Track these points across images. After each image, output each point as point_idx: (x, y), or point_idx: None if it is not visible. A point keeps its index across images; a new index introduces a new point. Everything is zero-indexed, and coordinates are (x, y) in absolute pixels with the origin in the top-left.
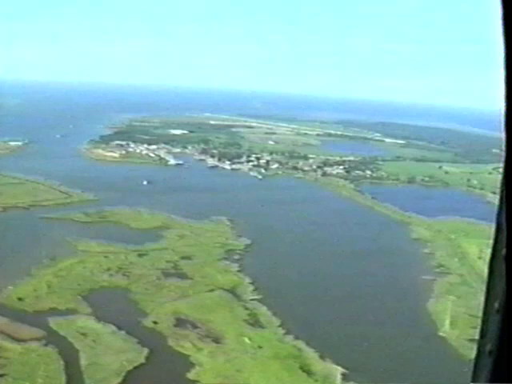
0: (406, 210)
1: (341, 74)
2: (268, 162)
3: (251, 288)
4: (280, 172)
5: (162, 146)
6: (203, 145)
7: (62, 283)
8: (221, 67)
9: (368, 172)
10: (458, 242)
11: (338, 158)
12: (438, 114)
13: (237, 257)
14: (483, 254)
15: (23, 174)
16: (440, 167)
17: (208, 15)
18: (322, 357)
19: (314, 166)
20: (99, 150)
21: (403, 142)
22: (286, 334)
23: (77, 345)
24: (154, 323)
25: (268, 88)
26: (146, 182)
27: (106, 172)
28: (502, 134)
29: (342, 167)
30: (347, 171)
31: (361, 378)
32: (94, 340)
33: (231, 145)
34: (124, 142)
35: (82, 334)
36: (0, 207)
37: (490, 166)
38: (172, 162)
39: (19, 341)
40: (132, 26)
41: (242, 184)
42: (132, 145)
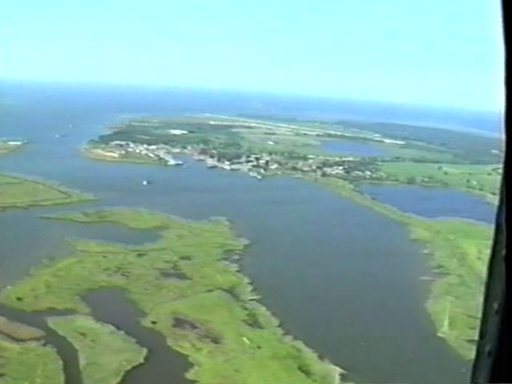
0: (406, 211)
1: (341, 73)
2: (267, 162)
3: (250, 288)
4: (279, 172)
5: (162, 146)
6: (203, 145)
7: (61, 283)
8: (221, 67)
9: (367, 172)
10: (457, 242)
11: (337, 159)
12: (437, 115)
13: (236, 257)
14: (482, 255)
15: (22, 173)
16: (439, 168)
17: (208, 15)
18: (320, 357)
19: (314, 167)
20: (99, 150)
21: (403, 142)
22: (284, 334)
23: (76, 345)
24: (153, 323)
25: (268, 88)
26: (145, 182)
27: (106, 172)
28: (501, 135)
29: (341, 168)
30: (347, 172)
31: (359, 379)
32: (93, 340)
33: (231, 145)
34: (123, 142)
35: (81, 333)
36: None
37: (490, 167)
38: (171, 162)
39: (18, 340)
40: (132, 26)
41: (242, 184)
42: (131, 145)
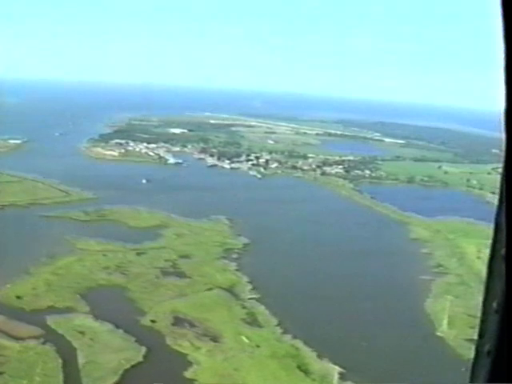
0: (405, 210)
1: (341, 73)
2: (267, 161)
3: (249, 287)
4: (279, 171)
5: (162, 144)
6: (203, 144)
7: (61, 281)
8: (221, 67)
9: (367, 172)
10: (456, 242)
11: (337, 158)
12: (437, 114)
13: (235, 256)
14: (482, 254)
15: (22, 172)
16: (439, 167)
17: (208, 15)
18: (319, 356)
19: (314, 166)
20: (98, 149)
21: (403, 141)
22: (283, 333)
23: (75, 343)
24: (152, 322)
25: (268, 87)
26: (145, 181)
27: (106, 170)
28: (501, 135)
29: (341, 167)
30: (346, 171)
31: (358, 378)
32: (92, 338)
33: (231, 144)
34: (123, 141)
35: (80, 332)
36: None
37: (490, 166)
38: (171, 160)
39: (17, 339)
40: (132, 25)
41: (241, 183)
42: (131, 143)
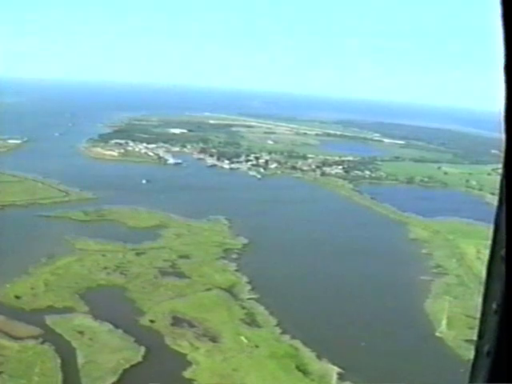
0: (405, 211)
1: (340, 73)
2: (267, 161)
3: (248, 287)
4: (279, 171)
5: (161, 144)
6: (202, 144)
7: (60, 281)
8: (221, 66)
9: (367, 172)
10: (456, 242)
11: (336, 158)
12: (437, 115)
13: (234, 256)
14: (481, 255)
15: (22, 172)
16: (439, 168)
17: (208, 14)
18: (318, 356)
19: (313, 166)
20: (98, 149)
21: (402, 142)
22: (282, 333)
23: (74, 343)
24: (151, 322)
25: (268, 88)
26: (144, 181)
27: (105, 171)
28: (501, 135)
29: (340, 167)
30: (346, 171)
31: (357, 378)
32: (91, 338)
33: (230, 144)
34: (123, 141)
35: (79, 332)
36: None
37: (489, 167)
38: (171, 160)
39: (16, 339)
40: (132, 25)
41: (241, 183)
42: (131, 143)
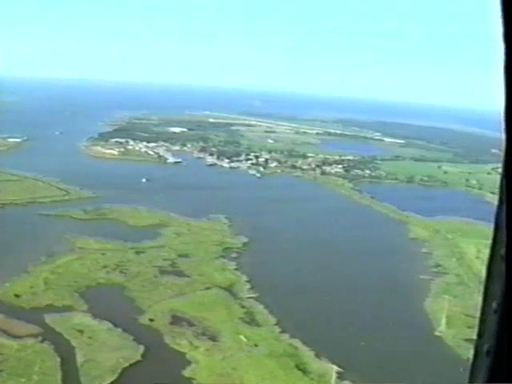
0: (404, 210)
1: (341, 72)
2: (267, 160)
3: (248, 286)
4: (279, 170)
5: (161, 143)
6: (202, 143)
7: (60, 280)
8: (221, 66)
9: (367, 171)
10: (455, 241)
11: (337, 157)
12: (437, 114)
13: (234, 255)
14: (481, 254)
15: (22, 170)
16: (439, 167)
17: (209, 14)
18: (317, 355)
19: (313, 165)
20: (98, 148)
21: (403, 141)
22: (282, 332)
23: (73, 342)
24: (151, 320)
25: (268, 87)
26: (144, 180)
27: (105, 169)
28: (501, 135)
29: (340, 166)
30: (346, 170)
31: (356, 377)
32: (90, 337)
33: (230, 143)
34: (123, 140)
35: (79, 330)
36: None
37: (489, 166)
38: (171, 159)
39: (15, 337)
40: (131, 24)
41: (241, 182)
42: (131, 142)
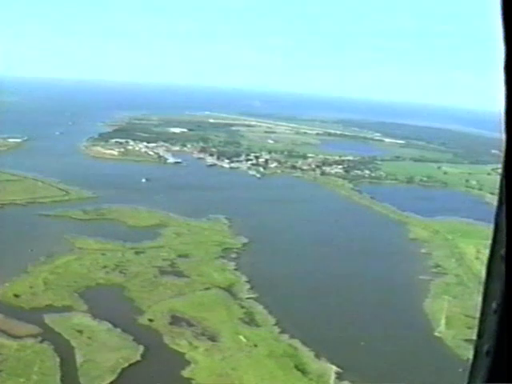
0: (404, 210)
1: (341, 73)
2: (267, 160)
3: (247, 287)
4: (279, 171)
5: (161, 144)
6: (202, 143)
7: (59, 280)
8: (221, 66)
9: (367, 172)
10: (455, 242)
11: (336, 158)
12: (437, 114)
13: (234, 255)
14: (480, 255)
15: (22, 170)
16: (439, 167)
17: (209, 14)
18: (317, 356)
19: (313, 165)
20: (98, 148)
21: (403, 141)
22: (281, 332)
23: (72, 342)
24: (150, 321)
25: (268, 87)
26: (144, 180)
27: (105, 169)
28: (501, 135)
29: (340, 166)
30: (346, 171)
31: (355, 378)
32: (90, 337)
33: (230, 143)
34: (123, 140)
35: (78, 331)
36: None
37: (489, 167)
38: (171, 160)
39: (15, 337)
40: (131, 24)
41: (241, 182)
42: (131, 142)
